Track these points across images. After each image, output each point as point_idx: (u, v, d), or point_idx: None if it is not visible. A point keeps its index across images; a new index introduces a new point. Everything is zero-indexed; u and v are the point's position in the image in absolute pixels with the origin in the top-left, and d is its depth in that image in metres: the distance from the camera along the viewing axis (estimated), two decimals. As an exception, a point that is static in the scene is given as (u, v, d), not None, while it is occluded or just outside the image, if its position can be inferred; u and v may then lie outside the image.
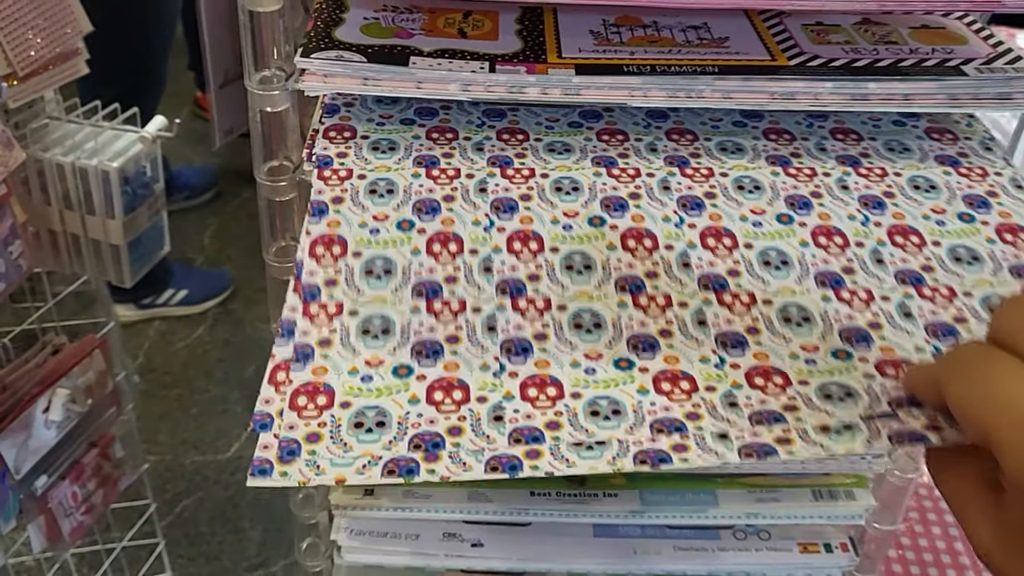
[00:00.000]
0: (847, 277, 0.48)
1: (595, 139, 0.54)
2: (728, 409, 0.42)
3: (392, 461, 0.40)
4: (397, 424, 0.42)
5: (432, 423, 0.41)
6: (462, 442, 0.41)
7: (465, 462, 0.40)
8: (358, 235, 0.49)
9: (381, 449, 0.41)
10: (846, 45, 0.57)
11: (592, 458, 0.41)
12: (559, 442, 0.41)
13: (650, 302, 0.47)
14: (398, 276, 0.47)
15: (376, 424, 0.42)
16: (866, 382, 0.43)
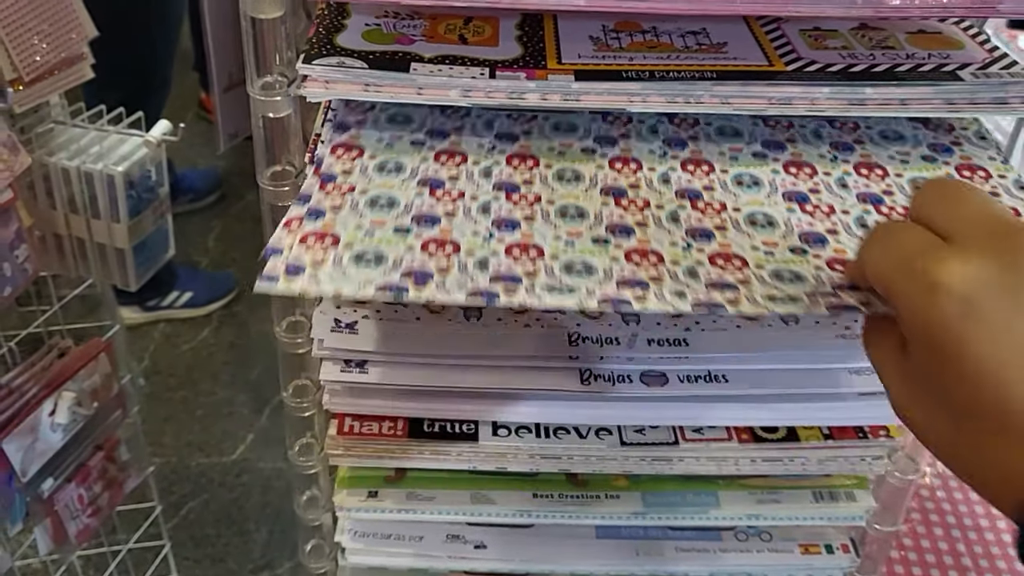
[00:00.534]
0: (812, 196, 0.54)
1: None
2: (688, 277, 0.48)
3: (385, 284, 0.46)
4: (393, 262, 0.48)
5: (424, 265, 0.48)
6: (448, 278, 0.47)
7: (449, 290, 0.46)
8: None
9: (376, 276, 0.47)
10: (843, 50, 0.57)
11: (562, 298, 0.46)
12: (534, 284, 0.47)
13: (630, 204, 0.53)
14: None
15: (375, 259, 0.48)
16: (816, 272, 0.48)
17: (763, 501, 0.74)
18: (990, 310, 0.34)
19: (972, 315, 0.34)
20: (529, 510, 0.72)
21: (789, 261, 0.49)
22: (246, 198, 2.49)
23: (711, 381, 0.63)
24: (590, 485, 0.73)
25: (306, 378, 0.67)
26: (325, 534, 0.76)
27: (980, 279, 0.34)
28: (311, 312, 0.64)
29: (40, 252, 1.07)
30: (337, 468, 0.73)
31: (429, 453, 0.68)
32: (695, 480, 0.73)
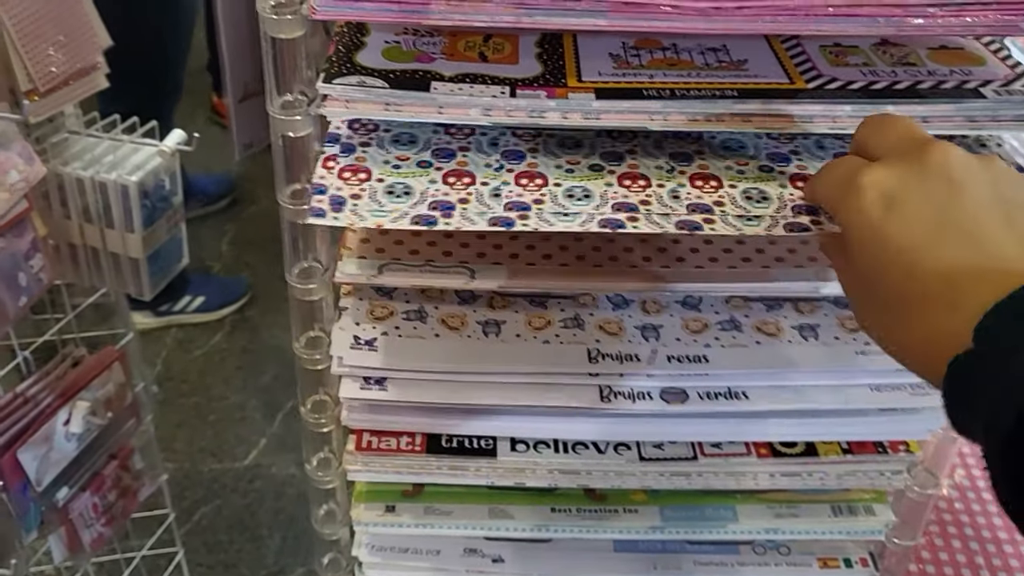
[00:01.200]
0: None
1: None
2: (672, 200, 0.53)
3: (417, 216, 0.52)
4: (419, 194, 0.54)
5: (446, 195, 0.53)
6: (468, 208, 0.53)
7: (472, 219, 0.52)
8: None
9: (407, 208, 0.52)
10: (864, 67, 0.57)
11: (567, 222, 0.52)
12: (543, 211, 0.52)
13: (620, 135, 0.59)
14: None
15: (403, 192, 0.54)
16: (780, 191, 0.54)
17: (781, 515, 0.73)
18: (904, 202, 0.41)
19: (891, 209, 0.41)
20: (547, 524, 0.72)
21: (758, 179, 0.55)
22: (259, 203, 2.49)
23: (731, 398, 0.62)
24: (608, 499, 0.73)
25: (324, 393, 0.67)
26: (342, 548, 0.76)
27: (898, 180, 0.42)
28: (330, 328, 0.64)
29: (54, 261, 1.07)
30: (354, 482, 0.73)
31: (447, 469, 0.68)
32: (713, 494, 0.73)
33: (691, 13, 0.49)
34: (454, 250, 0.62)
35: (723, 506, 0.73)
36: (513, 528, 0.72)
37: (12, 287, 0.99)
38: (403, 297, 0.66)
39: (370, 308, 0.64)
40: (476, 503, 0.72)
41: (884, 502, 0.73)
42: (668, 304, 0.66)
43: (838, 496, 0.73)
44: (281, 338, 2.11)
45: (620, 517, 0.73)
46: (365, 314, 0.64)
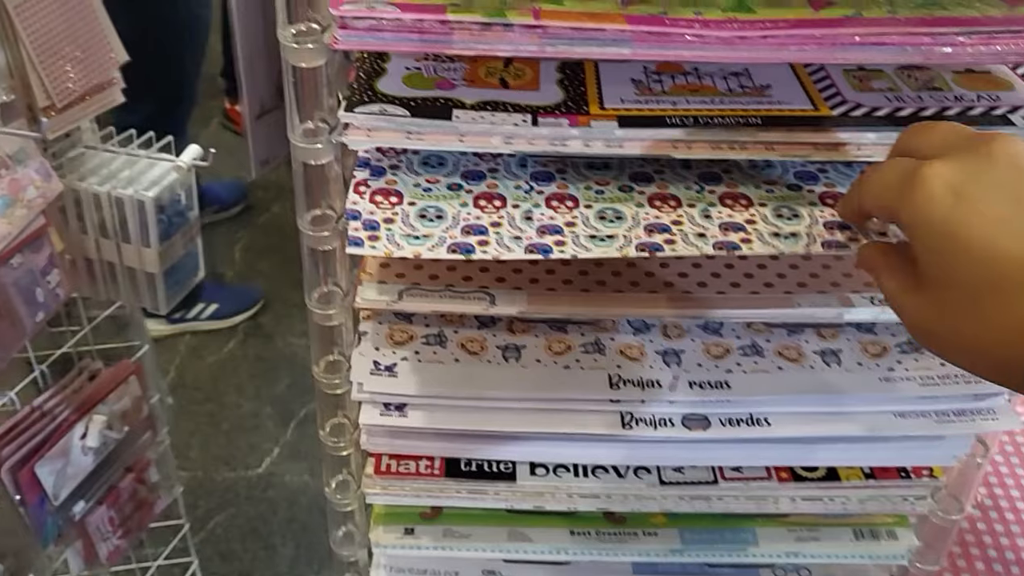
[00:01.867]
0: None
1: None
2: (704, 219, 0.54)
3: (453, 244, 0.52)
4: (452, 217, 0.54)
5: (478, 219, 0.54)
6: (502, 232, 0.53)
7: (508, 246, 0.52)
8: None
9: (440, 233, 0.53)
10: (889, 92, 0.56)
11: (604, 247, 0.52)
12: (577, 235, 0.52)
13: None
14: None
15: (436, 216, 0.54)
16: (810, 208, 0.55)
17: (802, 539, 0.73)
18: (974, 191, 0.40)
19: (961, 201, 0.40)
20: (566, 547, 0.72)
21: (787, 197, 0.55)
22: (272, 210, 2.49)
23: (753, 424, 0.62)
24: (628, 522, 0.73)
25: (343, 416, 0.67)
26: (361, 569, 0.76)
27: (963, 172, 0.41)
28: (349, 352, 0.64)
29: (71, 276, 1.07)
30: (373, 504, 0.73)
31: (466, 492, 0.68)
32: (734, 517, 0.72)
33: (715, 42, 0.49)
34: (474, 275, 0.62)
35: (743, 529, 0.73)
36: (532, 551, 0.72)
37: (30, 302, 0.99)
38: (423, 321, 0.65)
39: (390, 332, 0.64)
40: (495, 526, 0.72)
41: (907, 526, 0.73)
42: (689, 328, 0.66)
43: (860, 520, 0.73)
44: (295, 346, 2.11)
45: (639, 540, 0.72)
46: (384, 339, 0.64)
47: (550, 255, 0.52)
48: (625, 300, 0.61)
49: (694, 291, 0.61)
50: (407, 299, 0.60)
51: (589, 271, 0.62)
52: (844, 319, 0.61)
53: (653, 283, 0.61)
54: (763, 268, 0.63)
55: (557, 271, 0.62)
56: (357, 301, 0.60)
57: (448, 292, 0.60)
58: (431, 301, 0.60)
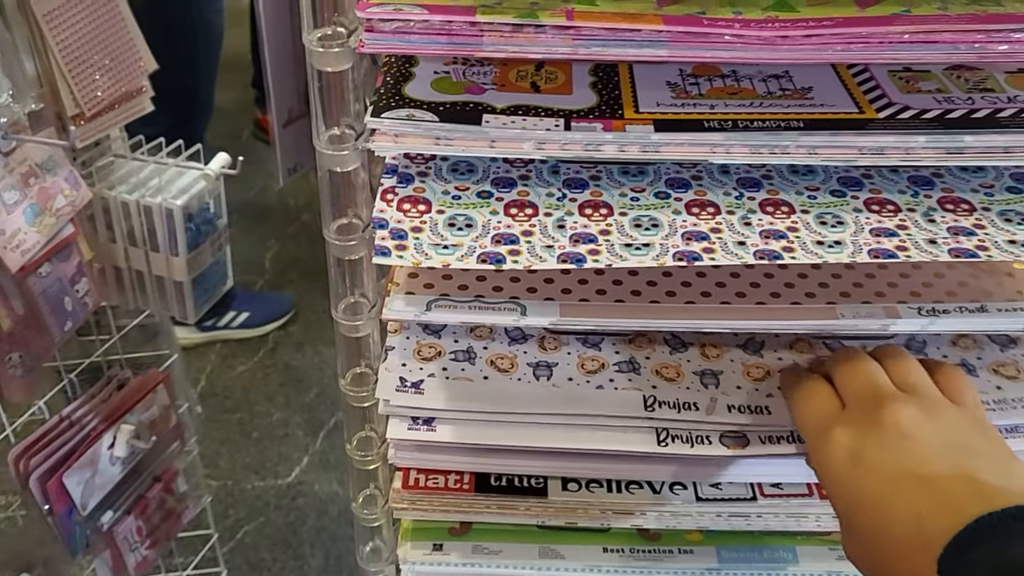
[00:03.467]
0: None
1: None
2: (744, 227, 0.52)
3: (483, 254, 0.50)
4: (481, 226, 0.52)
5: (509, 227, 0.52)
6: (534, 240, 0.51)
7: (540, 255, 0.50)
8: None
9: (470, 242, 0.51)
10: (938, 94, 0.54)
11: (640, 256, 0.50)
12: (612, 244, 0.51)
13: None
14: None
15: (465, 225, 0.52)
16: (855, 215, 0.53)
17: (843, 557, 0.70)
18: (867, 458, 0.48)
19: (858, 463, 0.49)
20: (599, 565, 0.70)
21: (830, 204, 0.54)
22: (302, 219, 2.49)
23: (793, 441, 0.60)
24: (662, 539, 0.71)
25: (371, 430, 0.66)
26: (388, 585, 0.74)
27: (861, 439, 0.49)
28: (376, 365, 0.62)
29: (100, 285, 1.07)
30: (400, 520, 0.71)
31: (496, 508, 0.66)
32: (773, 535, 0.70)
33: (756, 43, 0.47)
34: (504, 285, 0.60)
35: (783, 547, 0.70)
36: (564, 568, 0.70)
37: (58, 312, 0.99)
38: (451, 335, 0.64)
39: (417, 348, 0.63)
40: (526, 542, 0.70)
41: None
42: (728, 348, 0.63)
43: (905, 539, 0.70)
44: (324, 355, 2.11)
45: (675, 558, 0.70)
46: (412, 354, 0.62)
47: (584, 264, 0.50)
48: (660, 311, 0.58)
49: (732, 301, 0.59)
50: (435, 310, 0.58)
51: (623, 281, 0.60)
52: (890, 331, 0.58)
53: (689, 293, 0.59)
54: (804, 278, 0.61)
55: (590, 281, 0.60)
56: (385, 313, 0.59)
57: (478, 303, 0.58)
58: (460, 312, 0.58)
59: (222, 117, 2.70)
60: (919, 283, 0.60)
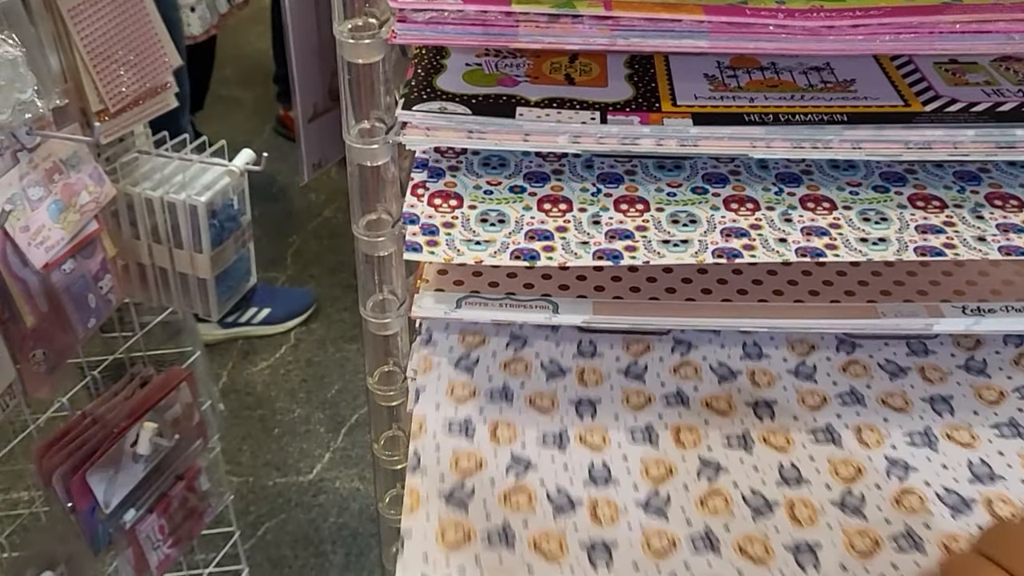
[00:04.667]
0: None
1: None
2: (784, 223, 0.51)
3: (516, 250, 0.49)
4: (514, 222, 0.51)
5: (542, 223, 0.51)
6: (568, 237, 0.50)
7: (576, 252, 0.49)
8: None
9: (503, 238, 0.50)
10: (987, 86, 0.52)
11: (679, 252, 0.49)
12: (649, 240, 0.50)
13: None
14: None
15: (498, 220, 0.51)
16: (899, 211, 0.51)
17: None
18: None
19: None
20: None
21: (873, 200, 0.52)
22: (323, 214, 2.48)
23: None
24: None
25: (398, 429, 0.65)
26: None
27: None
28: (405, 363, 0.61)
29: (123, 281, 1.07)
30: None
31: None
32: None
33: (800, 33, 0.45)
34: (535, 282, 0.58)
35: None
36: (594, 571, 0.68)
37: (82, 308, 0.98)
38: (486, 374, 0.60)
39: (449, 387, 0.59)
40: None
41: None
42: (780, 375, 0.60)
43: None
44: (346, 351, 2.10)
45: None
46: (444, 395, 0.58)
47: (620, 262, 0.48)
48: (696, 309, 0.57)
49: (770, 299, 0.57)
50: (466, 307, 0.57)
51: (657, 278, 0.59)
52: (933, 330, 0.57)
53: (726, 291, 0.58)
54: (843, 275, 0.59)
55: (624, 278, 0.59)
56: (414, 310, 0.57)
57: (508, 300, 0.57)
58: (491, 310, 0.57)
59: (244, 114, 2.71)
60: (962, 281, 0.58)
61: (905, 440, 0.56)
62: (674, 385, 0.59)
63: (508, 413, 0.56)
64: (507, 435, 0.55)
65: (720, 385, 0.59)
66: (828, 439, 0.55)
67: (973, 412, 0.58)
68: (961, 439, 0.56)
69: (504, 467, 0.53)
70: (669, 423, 0.57)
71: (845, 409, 0.58)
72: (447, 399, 0.57)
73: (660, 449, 0.55)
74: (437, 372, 0.59)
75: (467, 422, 0.55)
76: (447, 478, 0.52)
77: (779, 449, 0.55)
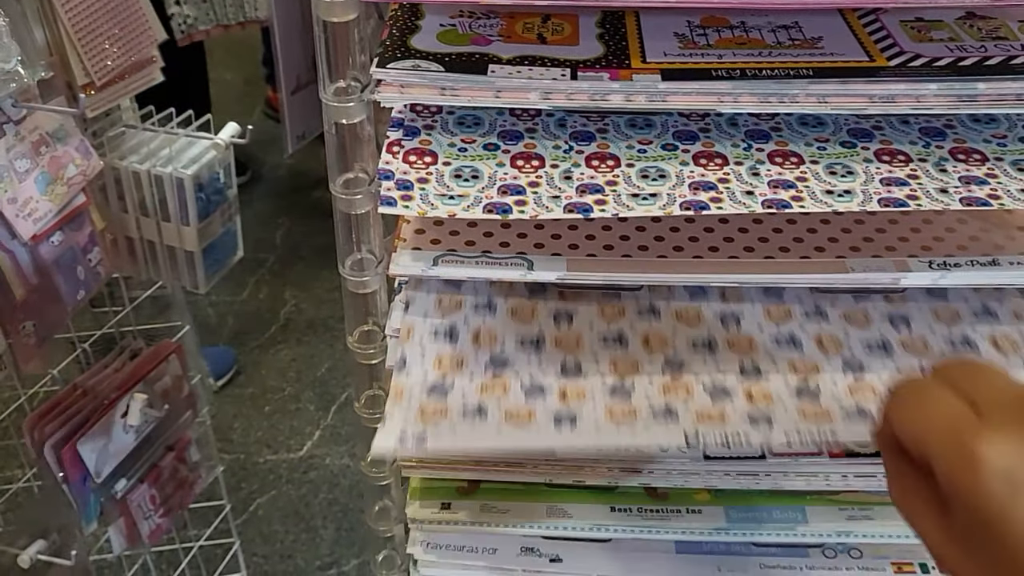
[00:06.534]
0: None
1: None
2: (752, 177, 0.52)
3: (489, 204, 0.50)
4: (487, 177, 0.52)
5: (515, 179, 0.52)
6: (540, 191, 0.51)
7: (547, 205, 0.50)
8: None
9: (476, 193, 0.51)
10: (950, 42, 0.53)
11: (647, 205, 0.50)
12: (619, 194, 0.51)
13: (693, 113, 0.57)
14: None
15: (471, 176, 0.53)
16: (865, 165, 0.53)
17: (854, 517, 0.70)
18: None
19: (1016, 494, 0.36)
20: (606, 524, 0.70)
21: (840, 155, 0.53)
22: (312, 195, 2.49)
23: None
24: (670, 498, 0.70)
25: (379, 388, 0.66)
26: (397, 545, 0.74)
27: (1020, 456, 0.36)
28: (383, 321, 0.62)
29: (112, 255, 1.08)
30: (409, 478, 0.71)
31: (504, 466, 0.66)
32: (781, 494, 0.70)
33: (765, -14, 0.46)
34: (511, 240, 0.60)
35: (792, 507, 0.70)
36: (571, 528, 0.70)
37: (71, 280, 0.99)
38: (472, 289, 0.63)
39: (439, 299, 0.62)
40: (533, 501, 0.70)
41: (964, 504, 0.69)
42: (748, 292, 0.63)
43: (915, 498, 0.70)
44: (336, 330, 2.11)
45: (683, 517, 0.70)
46: (433, 305, 0.62)
47: (591, 215, 0.50)
48: (669, 265, 0.58)
49: (741, 255, 0.59)
50: (442, 265, 0.58)
51: (630, 237, 0.60)
52: (900, 284, 0.58)
53: (697, 248, 0.59)
54: (813, 233, 0.60)
55: (597, 237, 0.60)
56: (392, 268, 0.58)
57: (485, 258, 0.58)
58: (467, 267, 0.58)
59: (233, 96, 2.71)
60: (930, 238, 0.59)
61: (863, 348, 0.58)
62: (648, 300, 0.62)
63: (490, 322, 0.61)
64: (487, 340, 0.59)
65: (692, 300, 0.62)
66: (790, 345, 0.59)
67: (929, 328, 0.60)
68: (916, 349, 0.59)
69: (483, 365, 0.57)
70: (639, 330, 0.60)
71: (808, 323, 0.61)
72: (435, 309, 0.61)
73: (629, 352, 0.58)
74: (426, 287, 0.62)
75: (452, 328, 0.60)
76: (429, 375, 0.56)
77: (742, 351, 0.58)
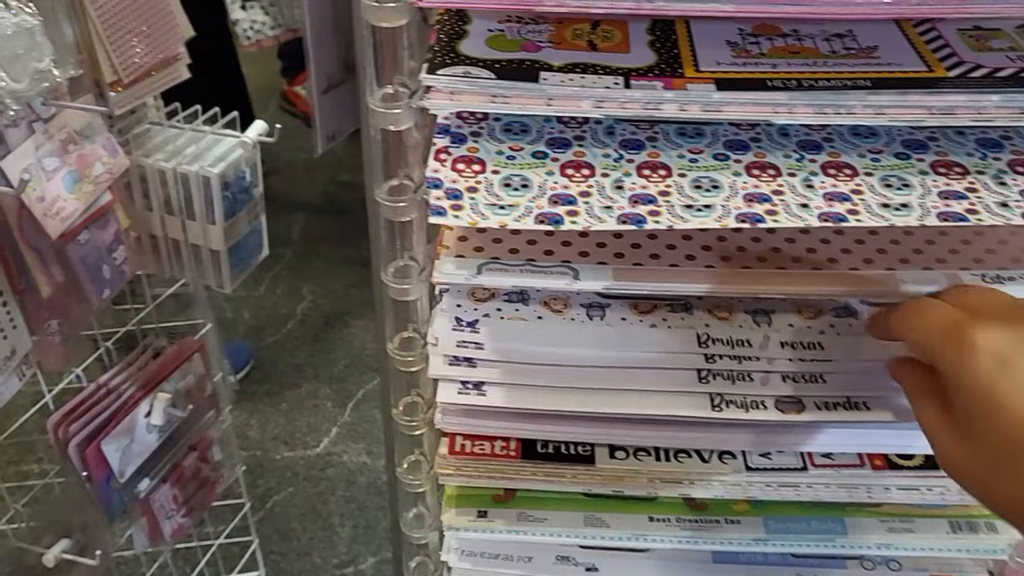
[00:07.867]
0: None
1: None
2: (806, 189, 0.51)
3: (541, 214, 0.50)
4: (537, 187, 0.51)
5: (566, 188, 0.51)
6: (592, 202, 0.50)
7: (599, 216, 0.49)
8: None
9: (527, 203, 0.50)
10: (1011, 52, 0.52)
11: (702, 217, 0.49)
12: (672, 205, 0.50)
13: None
14: None
15: (521, 185, 0.51)
16: (921, 177, 0.52)
17: (895, 529, 0.69)
18: (1017, 365, 0.43)
19: (1003, 369, 0.43)
20: (644, 534, 0.69)
21: (895, 167, 0.52)
22: (328, 191, 2.49)
23: (851, 408, 0.58)
24: (709, 509, 0.70)
25: (417, 395, 0.65)
26: (431, 552, 0.74)
27: (1009, 338, 0.43)
28: (425, 329, 0.61)
29: (136, 253, 1.07)
30: (444, 486, 0.71)
31: (542, 475, 0.65)
32: (821, 506, 0.69)
33: (826, -4, 0.46)
34: (556, 248, 0.59)
35: (831, 518, 0.69)
36: (609, 537, 0.69)
37: (96, 279, 0.99)
38: None
39: (471, 289, 0.62)
40: (571, 510, 0.69)
41: (1007, 518, 0.69)
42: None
43: (957, 511, 0.69)
44: (353, 326, 2.11)
45: (721, 528, 0.69)
46: (466, 296, 0.62)
47: (644, 226, 0.49)
48: (716, 276, 0.57)
49: (788, 266, 0.58)
50: (486, 274, 0.57)
51: (676, 245, 0.59)
52: (952, 298, 0.57)
53: (745, 258, 0.58)
54: (861, 244, 0.59)
55: (644, 245, 0.59)
56: (435, 276, 0.58)
57: (529, 267, 0.57)
58: (511, 276, 0.57)
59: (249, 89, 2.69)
60: (982, 249, 0.59)
61: None
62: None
63: (523, 311, 0.62)
64: None
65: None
66: None
67: None
68: None
69: None
70: (672, 324, 0.61)
71: (837, 320, 0.62)
72: (468, 300, 0.62)
73: None
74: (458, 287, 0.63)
75: None
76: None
77: None
